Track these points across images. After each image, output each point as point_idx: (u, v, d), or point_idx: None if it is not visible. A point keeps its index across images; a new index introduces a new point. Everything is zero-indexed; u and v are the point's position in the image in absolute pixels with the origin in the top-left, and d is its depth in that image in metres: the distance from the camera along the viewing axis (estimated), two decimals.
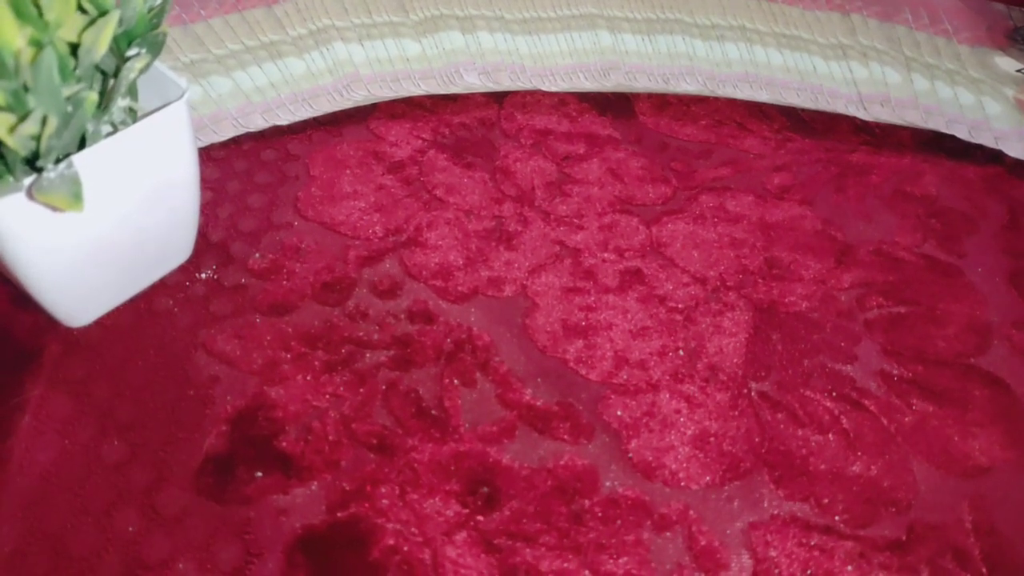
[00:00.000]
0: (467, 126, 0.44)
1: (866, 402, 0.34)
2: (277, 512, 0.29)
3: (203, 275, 0.36)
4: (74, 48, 0.25)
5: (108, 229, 0.29)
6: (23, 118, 0.22)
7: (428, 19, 0.47)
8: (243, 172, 0.41)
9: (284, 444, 0.30)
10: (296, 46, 0.45)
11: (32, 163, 0.26)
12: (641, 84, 0.46)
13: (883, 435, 0.33)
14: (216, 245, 0.37)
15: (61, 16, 0.23)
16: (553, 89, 0.46)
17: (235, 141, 0.42)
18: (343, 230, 0.38)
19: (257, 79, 0.44)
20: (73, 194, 0.24)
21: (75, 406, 0.31)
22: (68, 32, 0.24)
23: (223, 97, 0.43)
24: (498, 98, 0.46)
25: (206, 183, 0.34)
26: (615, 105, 0.47)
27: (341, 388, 0.32)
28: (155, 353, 0.33)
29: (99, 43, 0.24)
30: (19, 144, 0.23)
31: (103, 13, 0.25)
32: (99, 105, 0.26)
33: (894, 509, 0.31)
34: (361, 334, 0.34)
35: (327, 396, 0.32)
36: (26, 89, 0.23)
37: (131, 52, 0.28)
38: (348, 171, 0.41)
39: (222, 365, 0.32)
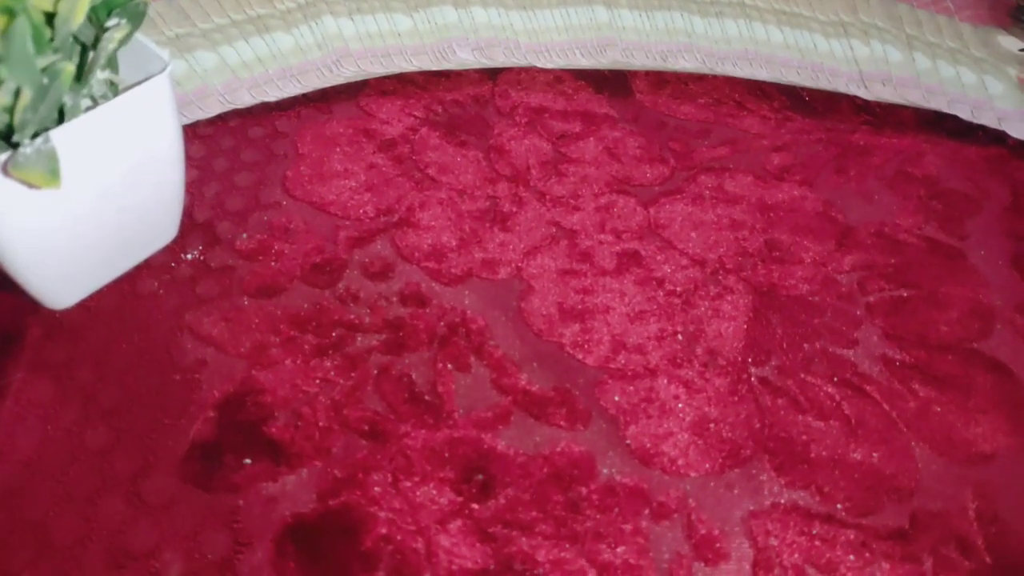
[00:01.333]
0: (460, 103, 0.43)
1: (868, 388, 0.33)
2: (266, 500, 0.28)
3: (189, 256, 0.35)
4: (50, 18, 0.24)
5: (89, 207, 0.28)
6: None
7: None
8: (230, 149, 0.39)
9: (273, 430, 0.29)
10: (284, 20, 0.44)
11: (7, 139, 0.25)
12: (638, 61, 0.45)
13: (885, 421, 0.32)
14: (202, 225, 0.36)
15: None
16: (548, 66, 0.44)
17: (221, 118, 0.41)
18: (333, 210, 0.37)
19: (244, 54, 0.43)
20: (50, 170, 0.23)
21: (57, 391, 0.30)
22: (43, 1, 0.23)
23: (209, 72, 0.42)
24: (492, 75, 0.45)
25: (191, 161, 0.33)
26: (611, 83, 0.46)
27: (332, 372, 0.31)
28: (140, 336, 0.32)
29: (76, 12, 0.23)
30: None
31: None
32: (77, 77, 0.25)
33: (896, 497, 0.30)
34: (352, 317, 0.33)
35: (317, 381, 0.31)
36: None
37: (110, 22, 0.27)
38: (338, 149, 0.40)
39: (209, 348, 0.32)
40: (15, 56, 0.21)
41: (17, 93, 0.22)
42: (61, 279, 0.31)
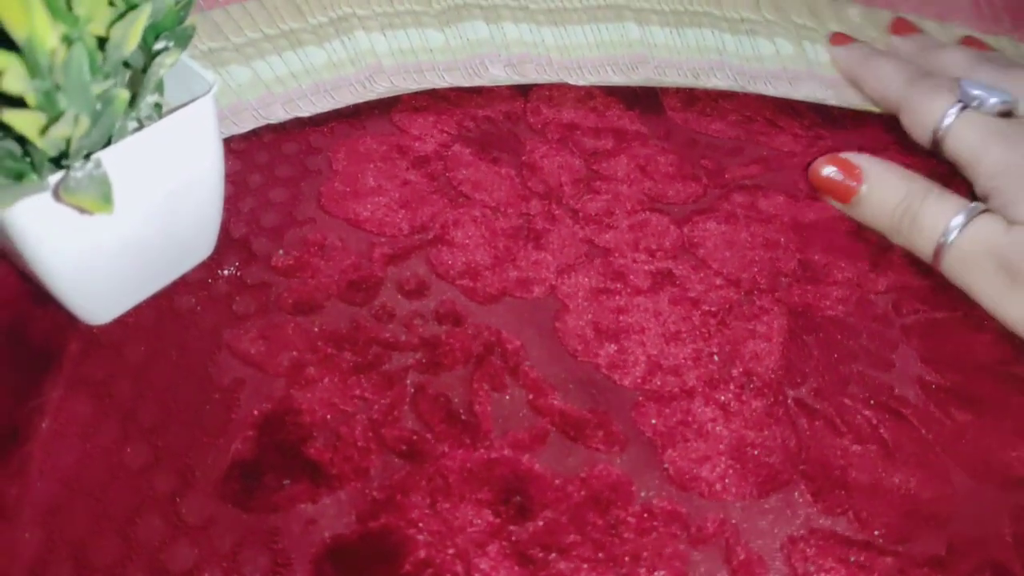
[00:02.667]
0: (492, 120, 0.43)
1: (905, 411, 0.33)
2: (306, 521, 0.28)
3: (225, 272, 0.35)
4: (101, 43, 0.24)
5: (133, 227, 0.28)
6: (55, 119, 0.22)
7: (451, 8, 0.46)
8: (264, 165, 0.40)
9: (312, 450, 0.30)
10: (316, 35, 0.44)
11: (57, 160, 0.25)
12: (670, 78, 0.45)
13: (922, 445, 0.32)
14: (238, 241, 0.36)
15: (92, 10, 0.22)
16: (581, 83, 0.45)
17: (255, 133, 0.41)
18: (368, 227, 0.37)
19: (277, 69, 0.43)
20: (102, 195, 0.23)
21: (96, 408, 0.30)
22: (97, 26, 0.23)
23: (243, 87, 0.42)
24: (523, 91, 0.45)
25: (227, 177, 0.33)
26: (642, 99, 0.46)
27: (368, 392, 0.31)
28: (178, 353, 0.32)
29: (129, 37, 0.23)
30: (49, 145, 0.22)
31: (132, 7, 0.24)
32: (129, 102, 0.25)
33: (934, 523, 0.30)
34: (388, 335, 0.33)
35: (355, 400, 0.31)
36: (57, 88, 0.22)
37: (158, 45, 0.27)
38: (372, 165, 0.40)
39: (247, 367, 0.32)
40: (72, 84, 0.22)
41: (75, 121, 0.22)
42: (101, 296, 0.31)
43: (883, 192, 0.38)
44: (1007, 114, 0.39)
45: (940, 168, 0.41)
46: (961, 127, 0.39)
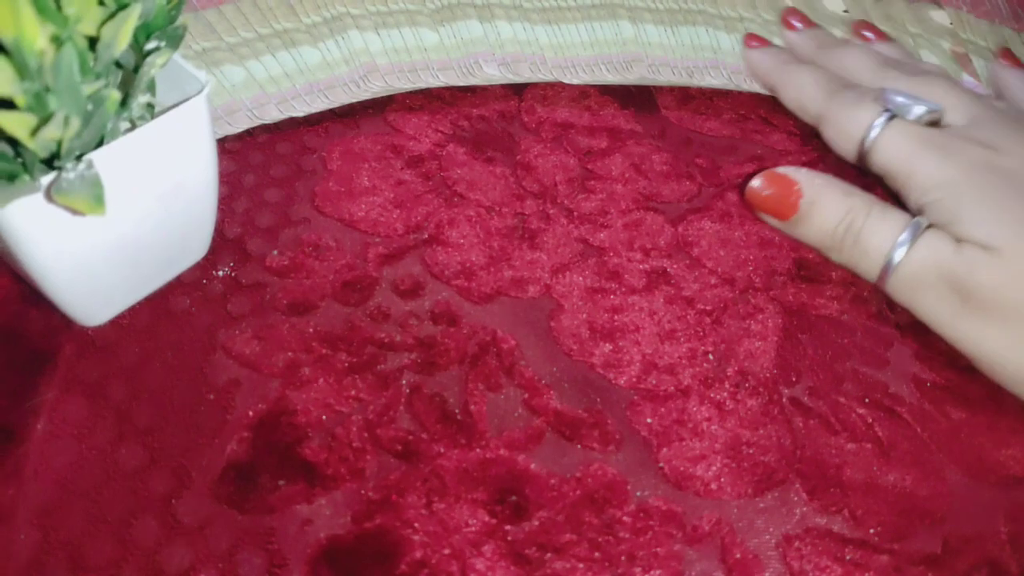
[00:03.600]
0: (486, 119, 0.43)
1: (899, 409, 0.33)
2: (301, 522, 0.28)
3: (220, 273, 0.35)
4: (92, 42, 0.24)
5: (127, 228, 0.28)
6: (45, 120, 0.21)
7: (445, 7, 0.46)
8: (258, 165, 0.39)
9: (307, 451, 0.30)
10: (311, 34, 0.44)
11: (49, 161, 0.25)
12: (664, 77, 0.45)
13: (917, 443, 0.32)
14: (232, 241, 0.36)
15: (81, 10, 0.22)
16: (575, 82, 0.44)
17: (249, 133, 0.41)
18: (362, 227, 0.37)
19: (271, 69, 0.43)
20: (95, 196, 0.23)
21: (91, 409, 0.30)
22: (87, 26, 0.23)
23: (236, 87, 0.42)
24: (517, 90, 0.45)
25: (221, 177, 0.33)
26: (637, 98, 0.46)
27: (364, 392, 0.31)
28: (173, 354, 0.32)
29: (120, 37, 0.23)
30: (40, 146, 0.22)
31: (122, 6, 0.24)
32: (121, 103, 0.25)
33: (929, 521, 0.30)
34: (383, 335, 0.33)
35: (350, 400, 0.31)
36: (47, 89, 0.21)
37: (150, 45, 0.27)
38: (366, 165, 0.40)
39: (242, 368, 0.32)
40: (63, 85, 0.22)
41: (66, 122, 0.22)
42: (95, 297, 0.31)
43: (823, 209, 0.36)
44: (935, 124, 0.37)
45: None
46: (889, 138, 0.36)
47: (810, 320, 0.36)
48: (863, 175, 0.39)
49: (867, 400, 0.33)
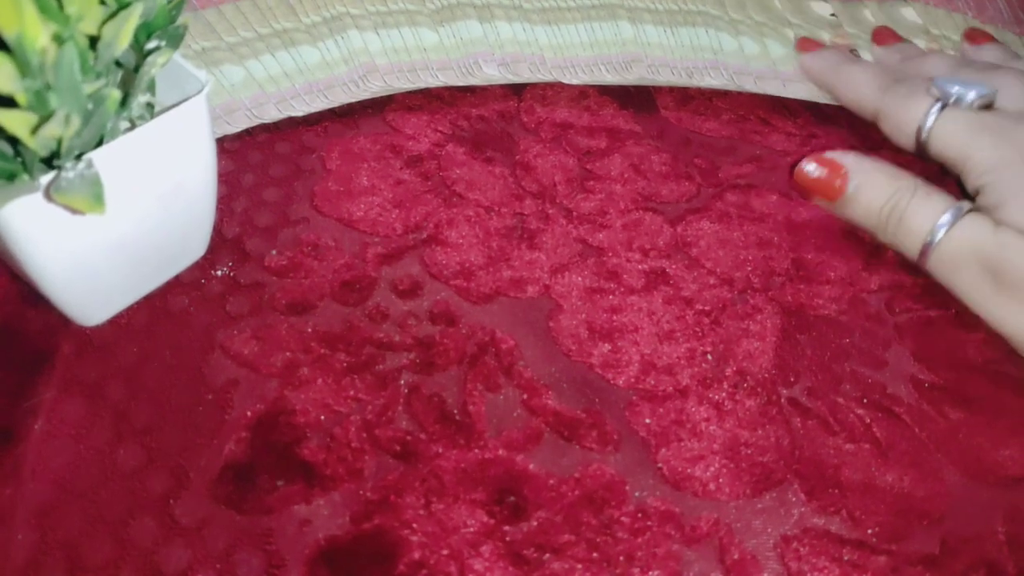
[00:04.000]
0: (486, 119, 0.43)
1: (898, 409, 0.33)
2: (300, 522, 0.28)
3: (219, 272, 0.35)
4: (92, 41, 0.24)
5: (126, 228, 0.28)
6: (45, 118, 0.21)
7: (445, 7, 0.46)
8: (257, 165, 0.39)
9: (305, 451, 0.29)
10: (310, 34, 0.44)
11: (49, 160, 0.25)
12: (664, 78, 0.45)
13: (915, 444, 0.32)
14: (231, 241, 0.36)
15: (83, 9, 0.22)
16: (574, 82, 0.44)
17: (248, 132, 0.41)
18: (361, 227, 0.37)
19: (271, 68, 0.43)
20: (94, 195, 0.23)
21: (89, 409, 0.30)
22: (88, 25, 0.23)
23: (236, 87, 0.42)
24: (517, 90, 0.45)
25: (220, 176, 0.34)
26: (636, 98, 0.46)
27: (362, 392, 0.31)
28: (171, 354, 0.32)
29: (121, 36, 0.23)
30: (40, 145, 0.22)
31: (123, 6, 0.24)
32: (121, 103, 0.25)
33: (927, 522, 0.30)
34: (382, 335, 0.33)
35: (348, 400, 0.31)
36: (48, 88, 0.21)
37: (150, 45, 0.27)
38: (365, 165, 0.40)
39: (241, 368, 0.32)
40: (63, 83, 0.21)
41: (67, 120, 0.22)
42: (93, 297, 0.31)
43: (870, 191, 0.38)
44: (988, 108, 0.39)
45: (932, 166, 0.41)
46: (944, 125, 0.38)
47: (808, 320, 0.36)
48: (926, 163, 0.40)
49: (865, 400, 0.33)
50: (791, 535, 0.29)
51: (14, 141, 0.23)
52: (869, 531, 0.30)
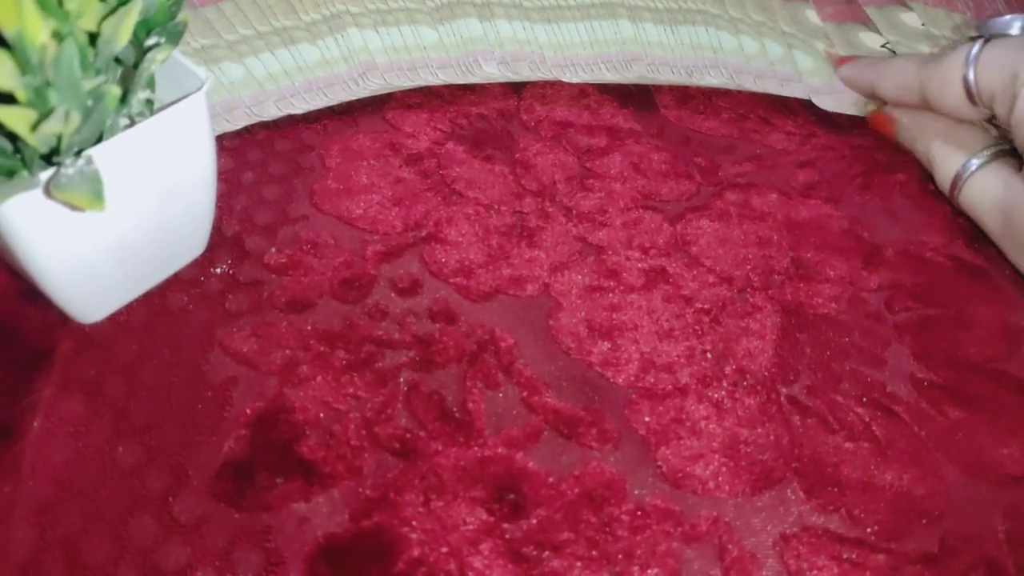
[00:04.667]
0: (485, 117, 0.43)
1: (897, 408, 0.33)
2: (299, 520, 0.28)
3: (218, 270, 0.35)
4: (92, 38, 0.24)
5: (125, 225, 0.28)
6: (45, 115, 0.21)
7: (444, 5, 0.46)
8: (257, 163, 0.39)
9: (305, 449, 0.29)
10: (310, 32, 0.44)
11: (48, 157, 0.25)
12: (664, 76, 0.45)
13: (915, 442, 0.32)
14: (230, 239, 0.36)
15: (82, 5, 0.22)
16: (574, 80, 0.44)
17: (248, 130, 0.41)
18: (361, 224, 0.37)
19: (270, 66, 0.43)
20: (94, 192, 0.23)
21: (88, 407, 0.30)
22: (88, 22, 0.23)
23: (235, 85, 0.42)
24: (516, 88, 0.45)
25: (220, 174, 0.33)
26: (636, 97, 0.46)
27: (362, 390, 0.31)
28: (170, 351, 0.32)
29: (120, 33, 0.23)
30: (40, 141, 0.22)
31: (123, 2, 0.24)
32: (121, 99, 0.25)
33: (926, 520, 0.30)
34: (381, 333, 0.33)
35: (348, 398, 0.31)
36: (48, 84, 0.21)
37: (150, 41, 0.27)
38: (365, 163, 0.40)
39: (240, 365, 0.32)
40: (63, 80, 0.21)
41: (66, 117, 0.22)
42: (92, 294, 0.31)
43: (916, 130, 0.41)
44: None
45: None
46: (989, 53, 0.37)
47: (808, 319, 0.36)
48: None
49: (865, 399, 0.33)
50: (790, 533, 0.29)
51: (13, 137, 0.23)
52: (868, 530, 0.30)
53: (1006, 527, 0.30)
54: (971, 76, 0.38)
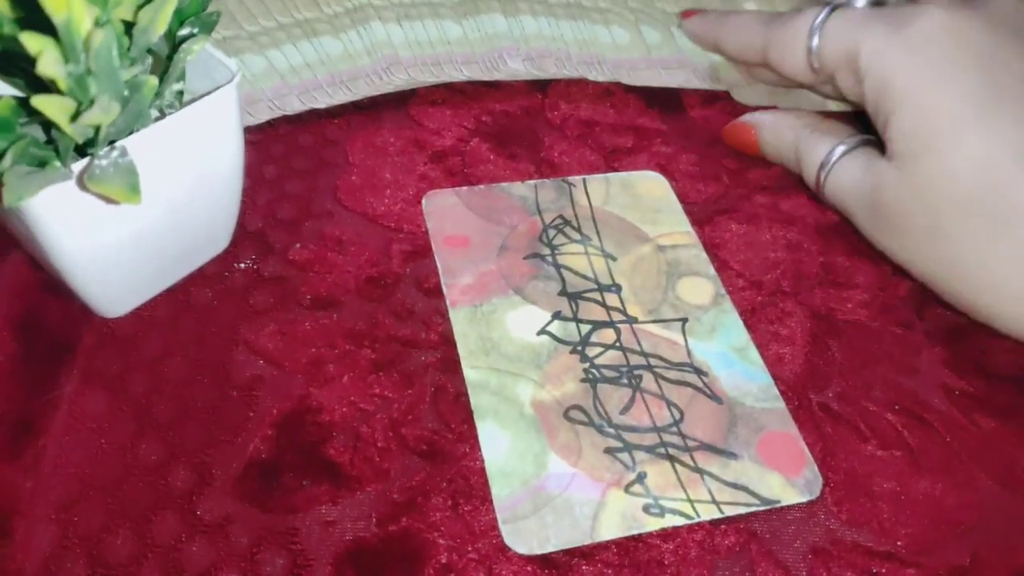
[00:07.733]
0: (510, 115, 0.43)
1: (929, 417, 0.33)
2: (325, 523, 0.27)
3: (242, 265, 0.34)
4: (127, 28, 0.24)
5: (153, 218, 0.28)
6: (86, 105, 0.21)
7: (468, 0, 0.46)
8: (280, 157, 0.39)
9: (331, 451, 0.29)
10: (332, 24, 0.44)
11: (80, 148, 0.24)
12: (687, 81, 0.44)
13: (947, 452, 0.32)
14: (254, 234, 0.35)
15: None
16: (600, 79, 0.44)
17: (271, 124, 0.40)
18: (385, 221, 0.37)
19: (292, 59, 0.42)
20: (129, 185, 0.23)
21: (111, 402, 0.30)
22: (124, 10, 0.23)
23: (257, 77, 0.41)
24: (541, 86, 0.45)
25: (244, 168, 0.33)
26: (661, 96, 0.45)
27: (388, 390, 0.31)
28: (195, 348, 0.31)
29: (157, 23, 0.23)
30: (78, 132, 0.22)
31: None
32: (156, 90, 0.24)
33: (959, 532, 0.30)
34: (407, 332, 0.33)
35: (374, 398, 0.31)
36: (89, 73, 0.21)
37: (183, 31, 0.26)
38: (389, 159, 0.39)
39: (266, 363, 0.31)
40: (102, 69, 0.21)
41: (107, 107, 0.21)
42: (118, 288, 0.30)
43: (776, 136, 0.40)
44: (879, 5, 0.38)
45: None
46: (833, 24, 0.36)
47: (838, 325, 0.35)
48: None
49: (896, 407, 0.33)
50: (820, 547, 0.29)
51: (47, 127, 0.23)
52: (899, 542, 0.29)
53: None
54: (814, 45, 0.37)
